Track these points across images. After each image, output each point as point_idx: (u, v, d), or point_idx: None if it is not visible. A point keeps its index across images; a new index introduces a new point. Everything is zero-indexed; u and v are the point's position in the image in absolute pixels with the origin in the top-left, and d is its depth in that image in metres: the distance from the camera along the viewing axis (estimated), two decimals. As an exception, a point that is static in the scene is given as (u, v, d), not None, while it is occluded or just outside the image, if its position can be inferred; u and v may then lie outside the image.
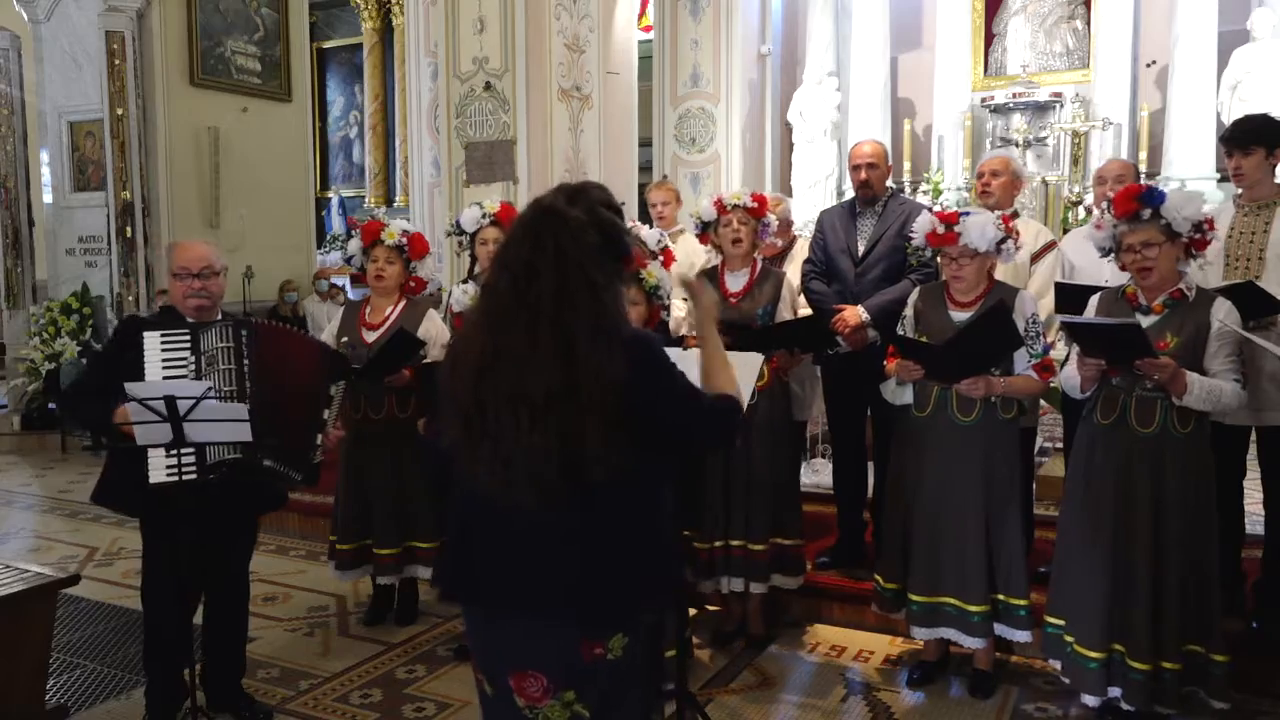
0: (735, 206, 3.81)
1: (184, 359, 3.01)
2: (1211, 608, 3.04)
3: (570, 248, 1.79)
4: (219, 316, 3.19)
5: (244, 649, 3.45)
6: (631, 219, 4.31)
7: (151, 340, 3.01)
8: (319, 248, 12.08)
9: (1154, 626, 3.01)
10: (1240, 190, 3.58)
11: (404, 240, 4.04)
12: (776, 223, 4.10)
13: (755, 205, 3.82)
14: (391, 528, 4.05)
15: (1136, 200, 3.03)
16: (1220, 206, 3.70)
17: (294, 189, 10.45)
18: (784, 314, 3.85)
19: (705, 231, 3.94)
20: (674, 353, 3.19)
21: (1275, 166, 3.53)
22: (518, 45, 7.13)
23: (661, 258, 3.70)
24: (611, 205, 1.93)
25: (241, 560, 3.40)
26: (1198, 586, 3.02)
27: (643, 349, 1.82)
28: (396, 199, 14.29)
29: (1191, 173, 9.16)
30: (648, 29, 11.40)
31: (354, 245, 4.14)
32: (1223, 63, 9.31)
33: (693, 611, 4.05)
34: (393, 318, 4.02)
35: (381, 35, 14.43)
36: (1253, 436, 3.56)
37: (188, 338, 3.04)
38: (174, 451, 2.88)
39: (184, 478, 2.91)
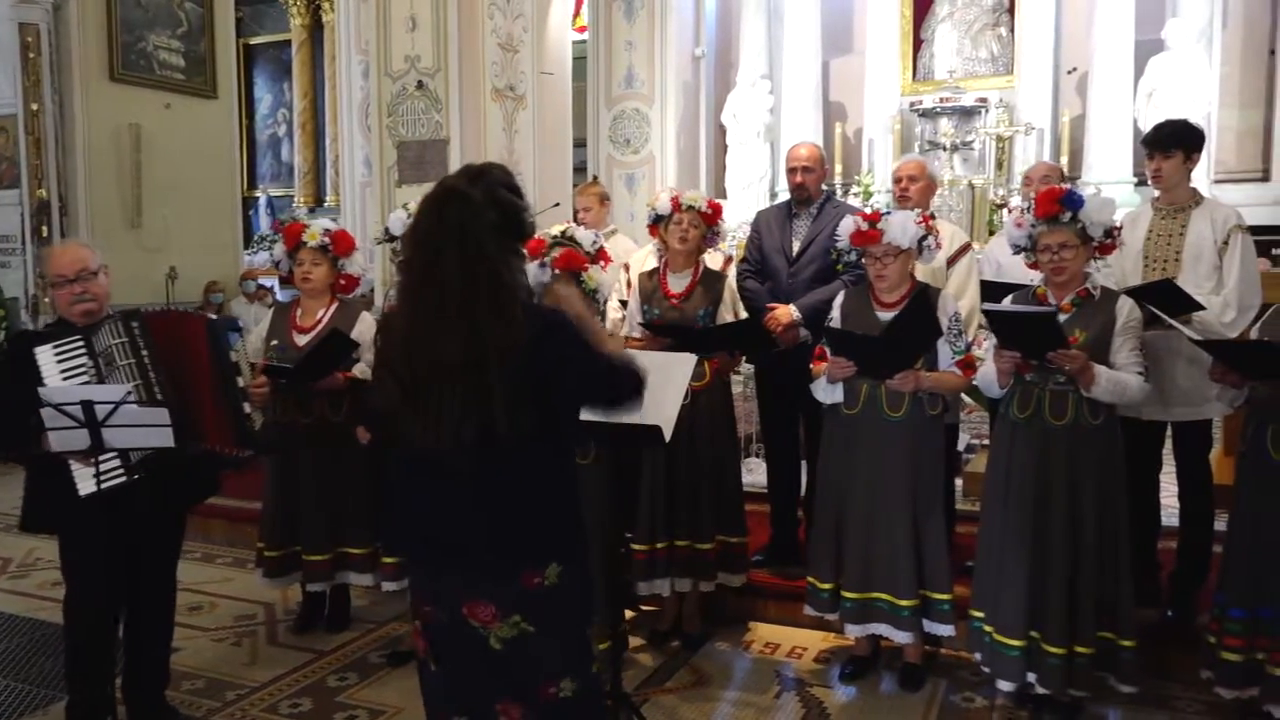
0: (690, 207, 3.84)
1: (83, 365, 2.92)
2: (1122, 595, 3.15)
3: (470, 224, 1.96)
4: (109, 314, 3.07)
5: (168, 659, 3.35)
6: (568, 220, 4.30)
7: (45, 355, 2.91)
8: (246, 248, 11.81)
9: (1070, 612, 3.10)
10: (1159, 193, 3.70)
11: (327, 240, 3.96)
12: (727, 233, 4.14)
13: (709, 211, 3.86)
14: (322, 533, 3.97)
15: (1058, 203, 3.13)
16: (1139, 209, 3.83)
17: (220, 188, 10.20)
18: (725, 316, 3.88)
19: (656, 225, 3.96)
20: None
21: (1191, 170, 3.66)
22: (450, 44, 7.05)
23: (600, 260, 3.69)
24: (512, 187, 2.08)
25: (168, 563, 3.29)
26: (1112, 573, 3.13)
27: (547, 318, 2.02)
28: (327, 198, 14.06)
29: (1110, 176, 9.45)
30: (582, 29, 11.39)
31: (279, 250, 4.05)
32: (1139, 71, 9.63)
33: (629, 613, 4.05)
34: (325, 320, 3.94)
35: (310, 32, 14.17)
36: (1168, 431, 3.69)
37: (81, 343, 2.95)
38: (94, 459, 2.78)
39: (111, 482, 2.82)
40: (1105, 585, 3.12)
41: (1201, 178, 8.47)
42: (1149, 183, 3.75)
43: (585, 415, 2.25)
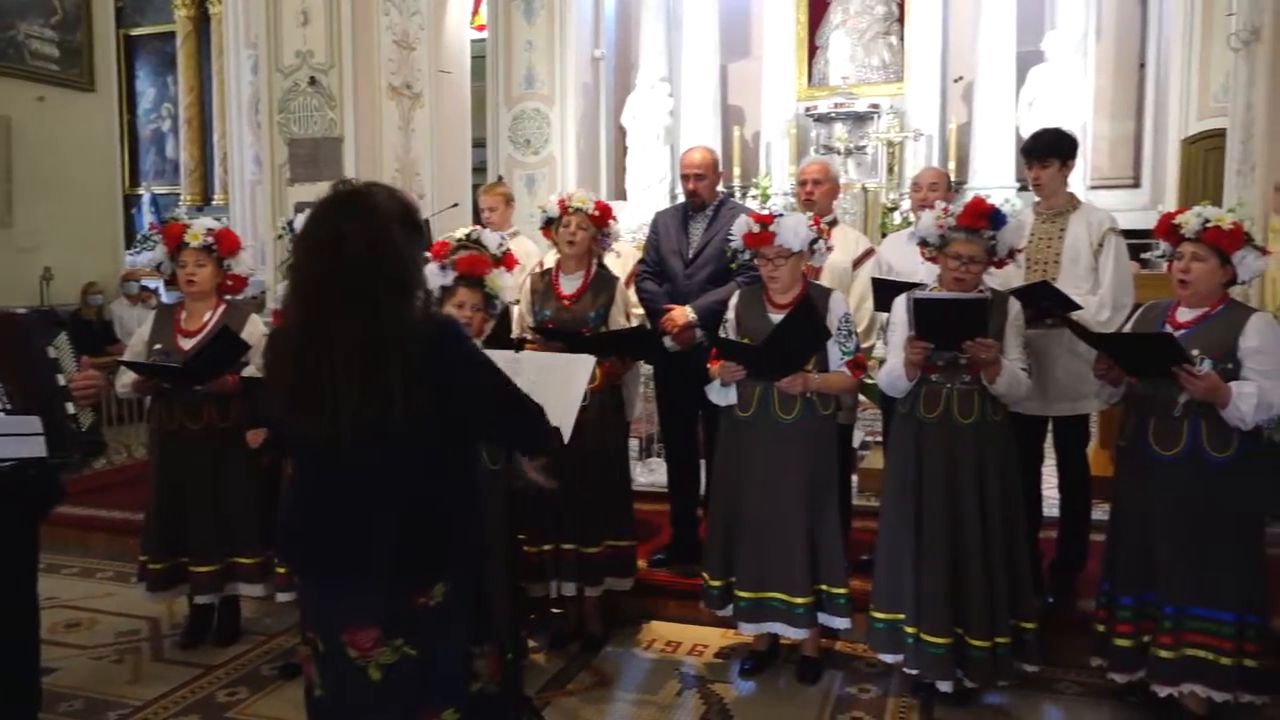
0: (578, 210, 3.82)
1: None
2: (1025, 581, 3.30)
3: (375, 213, 1.98)
4: None
5: (38, 680, 3.16)
6: (476, 223, 4.26)
7: None
8: (128, 248, 11.31)
9: (990, 605, 3.21)
10: (1038, 199, 3.86)
11: (211, 240, 3.82)
12: (620, 233, 4.14)
13: (597, 213, 3.85)
14: (210, 543, 3.83)
15: (985, 219, 3.24)
16: (1020, 213, 3.98)
17: (99, 185, 9.74)
18: (617, 318, 3.88)
19: (548, 227, 3.95)
20: (508, 354, 3.18)
21: (1068, 176, 3.83)
22: (344, 40, 6.91)
23: (504, 263, 3.66)
24: (404, 196, 2.13)
25: (26, 580, 3.08)
26: (1017, 561, 3.26)
27: (443, 325, 2.05)
28: (215, 197, 13.56)
29: (994, 182, 9.84)
30: (481, 28, 11.28)
31: (159, 251, 3.89)
32: (1021, 80, 10.04)
33: (529, 617, 4.03)
34: (211, 323, 3.80)
35: (196, 24, 13.64)
36: (1049, 426, 3.85)
37: None
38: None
39: None
40: (1013, 573, 3.25)
41: (1078, 183, 8.88)
42: (1030, 188, 3.90)
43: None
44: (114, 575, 4.89)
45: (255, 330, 3.82)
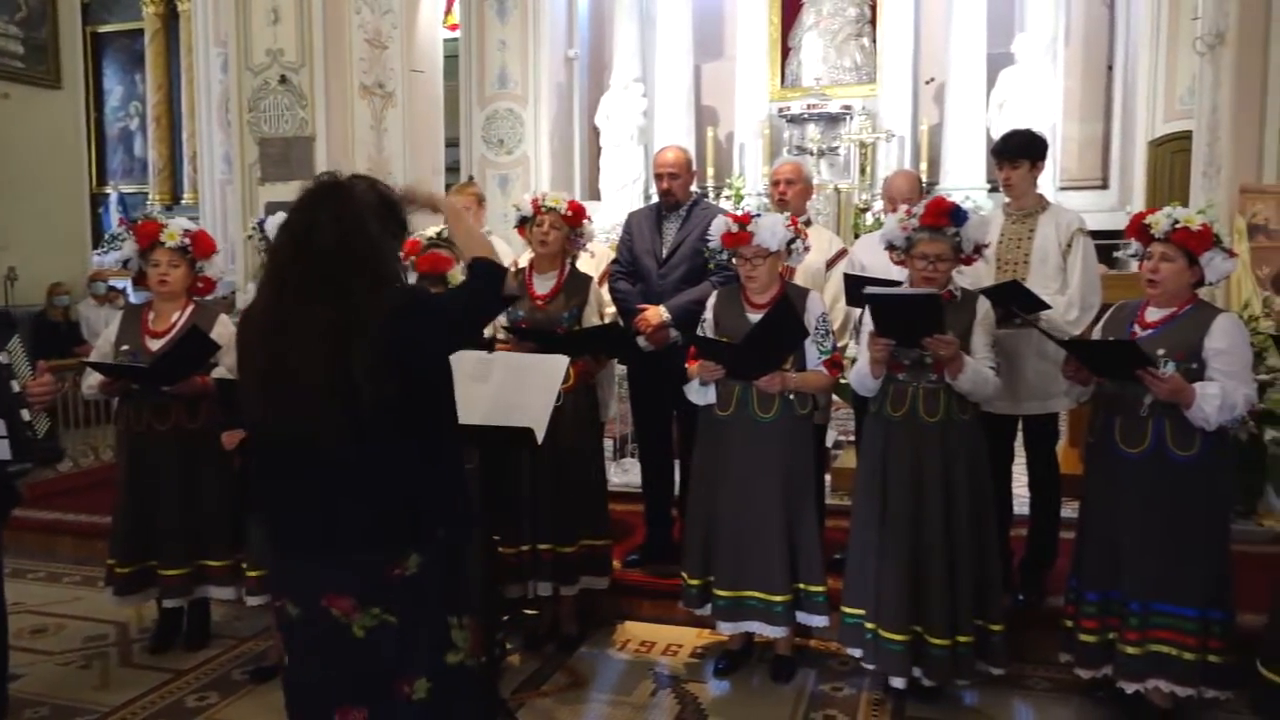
0: (550, 210, 3.81)
1: None
2: (994, 581, 3.31)
3: (351, 203, 2.02)
4: None
5: (4, 687, 3.12)
6: (440, 221, 4.23)
7: None
8: (96, 247, 11.15)
9: (952, 603, 3.23)
10: (1009, 199, 3.89)
11: (187, 241, 3.79)
12: (594, 233, 4.14)
13: (570, 214, 3.84)
14: (179, 546, 3.79)
15: (947, 216, 3.26)
16: (990, 214, 4.02)
17: (66, 184, 9.63)
18: (591, 318, 3.88)
19: (523, 225, 3.94)
20: (480, 355, 3.17)
21: (1037, 178, 3.87)
22: (315, 38, 6.86)
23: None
24: (386, 187, 2.16)
25: None
26: (984, 561, 3.28)
27: (409, 291, 2.13)
28: (184, 196, 13.40)
29: (965, 183, 9.92)
30: (454, 27, 11.23)
31: (129, 248, 3.84)
32: (991, 82, 10.13)
33: (504, 618, 4.01)
34: (180, 323, 3.76)
35: (165, 21, 13.47)
36: (1019, 425, 3.88)
37: None
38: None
39: None
40: (980, 572, 3.27)
41: (1048, 184, 8.97)
42: (1001, 189, 3.94)
43: (464, 413, 2.22)
44: (81, 580, 4.82)
45: (225, 331, 3.77)
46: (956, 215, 3.26)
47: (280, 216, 4.02)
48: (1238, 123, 5.27)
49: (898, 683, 3.33)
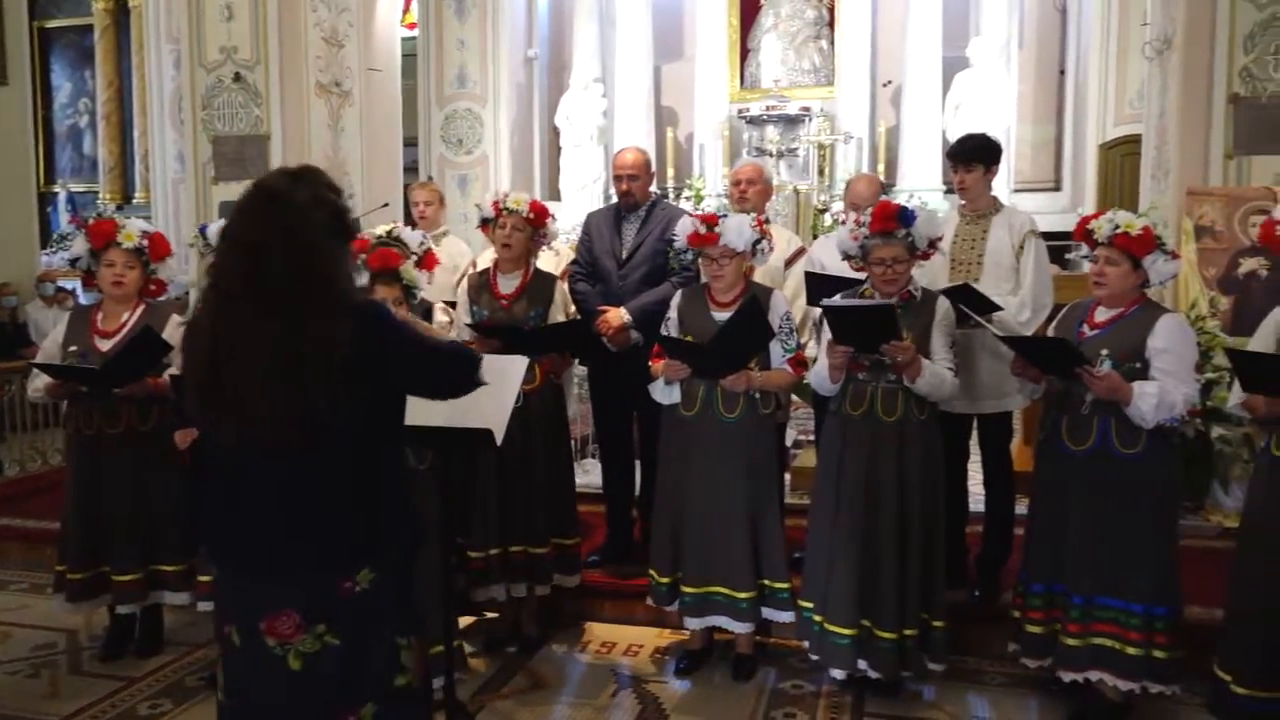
0: (512, 211, 3.80)
1: None
2: (938, 579, 3.36)
3: (298, 227, 1.92)
4: None
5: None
6: (395, 220, 4.20)
7: None
8: (44, 247, 10.91)
9: (901, 598, 3.27)
10: (963, 202, 3.95)
11: (144, 243, 3.73)
12: (557, 231, 4.13)
13: (532, 215, 3.83)
14: (132, 550, 3.72)
15: (894, 219, 3.29)
16: (946, 216, 4.07)
17: (13, 182, 9.44)
18: (556, 317, 3.88)
19: (486, 225, 3.93)
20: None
21: (992, 180, 3.92)
22: (270, 36, 6.78)
23: (423, 260, 3.61)
24: (333, 187, 2.05)
25: None
26: (931, 558, 3.33)
27: (371, 312, 2.01)
28: (136, 195, 13.15)
29: (922, 185, 10.03)
30: (412, 26, 11.14)
31: (80, 246, 3.76)
32: (947, 85, 10.26)
33: (466, 620, 3.99)
34: (130, 324, 3.69)
35: (115, 17, 13.20)
36: (975, 424, 3.94)
37: None
38: None
39: None
40: (927, 569, 3.32)
41: (1002, 186, 9.10)
42: (956, 191, 3.99)
43: (422, 415, 2.20)
44: (29, 587, 4.72)
45: (177, 332, 3.70)
46: (904, 216, 3.30)
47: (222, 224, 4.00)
48: (1184, 127, 5.38)
49: (837, 674, 3.38)
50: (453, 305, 4.12)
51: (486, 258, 4.32)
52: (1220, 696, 2.90)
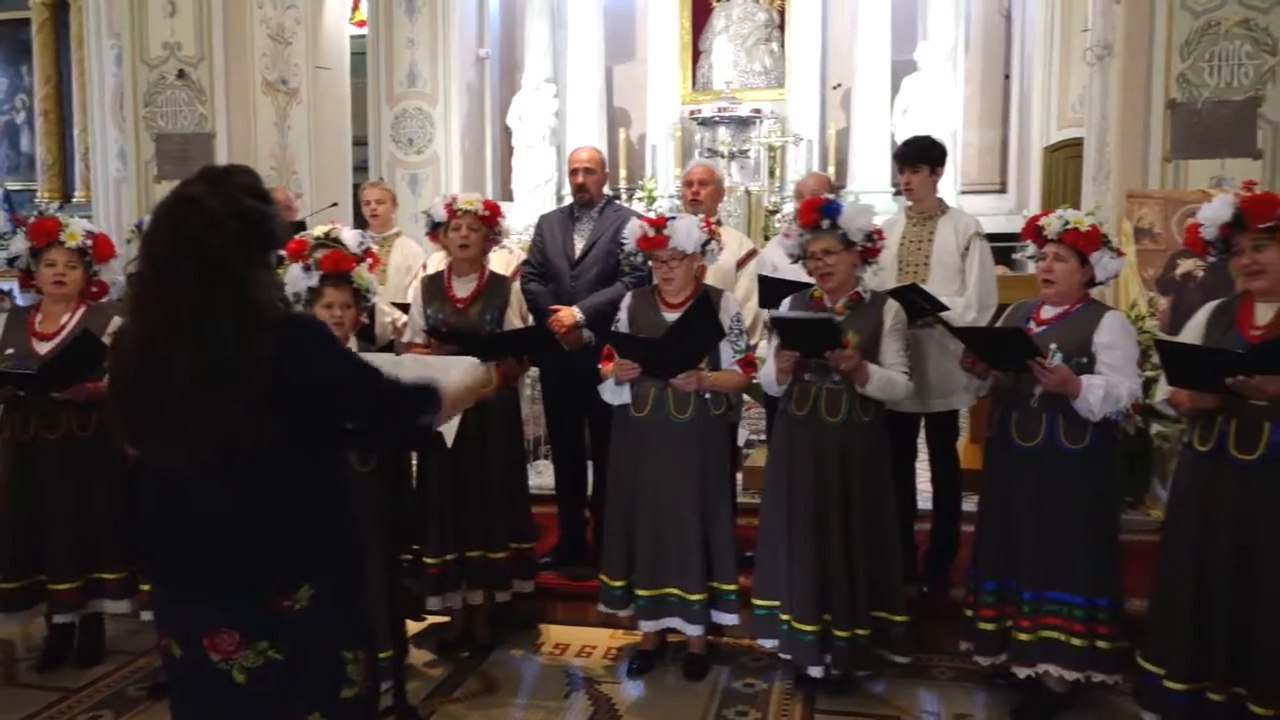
0: (466, 211, 3.76)
1: None
2: (894, 574, 3.40)
3: (210, 237, 1.82)
4: None
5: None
6: (333, 220, 4.15)
7: None
8: (-21, 247, 10.60)
9: (851, 597, 3.30)
10: (910, 203, 4.00)
11: (88, 243, 3.64)
12: (509, 229, 4.11)
13: (487, 213, 3.80)
14: (70, 559, 3.62)
15: (817, 211, 3.32)
16: (894, 217, 4.12)
17: (-55, 180, 9.13)
18: (512, 320, 3.85)
19: (435, 231, 3.87)
20: (387, 358, 3.12)
21: (937, 182, 3.98)
22: (215, 32, 6.67)
23: (368, 261, 3.57)
24: (258, 192, 1.94)
25: None
26: (883, 556, 3.36)
27: (297, 328, 1.93)
28: (76, 193, 12.85)
29: (872, 186, 10.14)
30: (361, 24, 11.03)
31: (19, 245, 3.66)
32: (896, 88, 10.38)
33: (417, 625, 3.95)
34: (70, 325, 3.60)
35: (54, 11, 12.90)
36: (922, 422, 3.99)
37: None
38: None
39: None
40: (878, 568, 3.36)
41: (949, 189, 9.24)
42: (903, 193, 4.04)
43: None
44: (-37, 596, 4.57)
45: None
46: (829, 208, 3.33)
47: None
48: (1124, 131, 5.50)
49: (814, 671, 3.39)
50: (405, 308, 4.08)
51: (438, 260, 4.28)
52: (1149, 687, 2.96)
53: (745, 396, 4.31)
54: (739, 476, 4.78)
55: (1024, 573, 3.17)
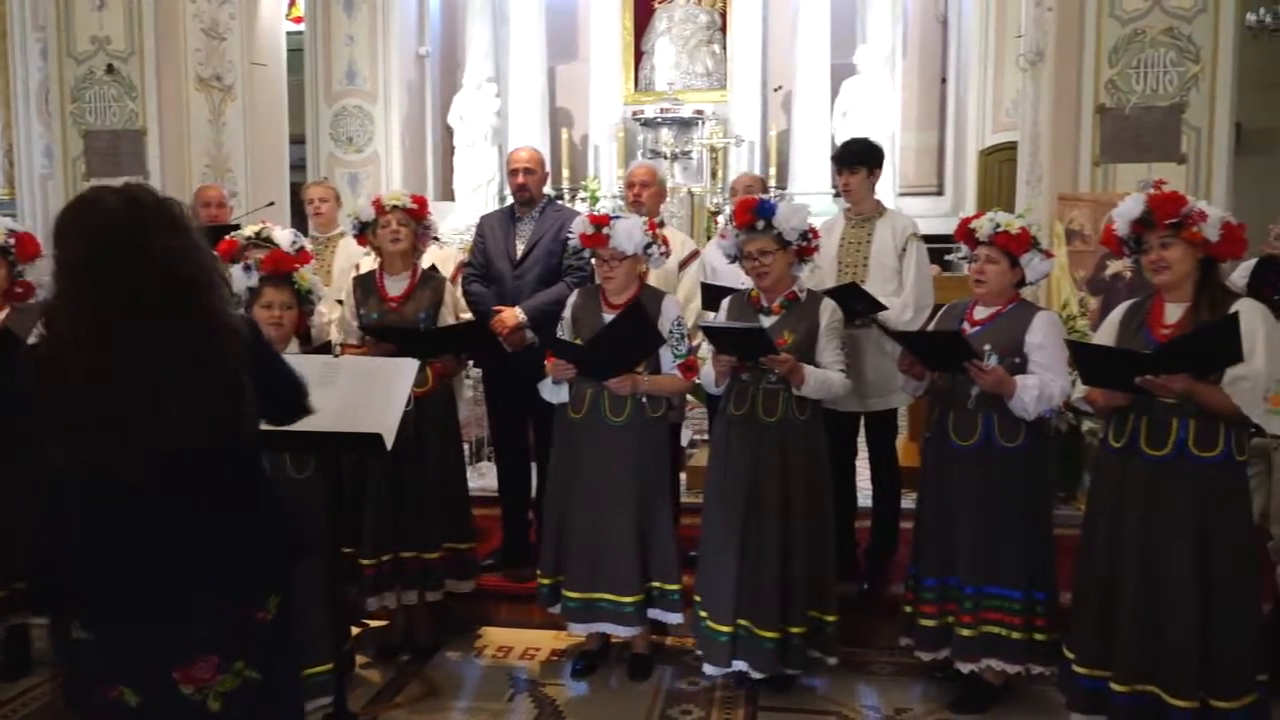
0: (395, 207, 3.73)
1: None
2: (828, 575, 3.43)
3: (178, 220, 1.86)
4: None
5: None
6: (263, 219, 4.08)
7: None
8: (-104, 247, 10.20)
9: (783, 597, 3.33)
10: (849, 205, 4.05)
11: (11, 242, 3.54)
12: (437, 225, 4.07)
13: (415, 207, 3.77)
14: (-7, 569, 3.51)
15: (752, 212, 3.35)
16: (833, 219, 4.17)
17: None
18: (446, 318, 3.82)
19: (363, 233, 3.83)
20: (324, 359, 3.08)
21: (875, 184, 4.03)
22: (145, 26, 6.52)
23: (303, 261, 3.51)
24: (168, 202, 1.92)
25: None
26: (818, 556, 3.39)
27: (251, 330, 1.99)
28: (0, 191, 12.45)
29: (812, 188, 10.25)
30: (298, 20, 10.84)
31: (-61, 244, 3.55)
32: (835, 91, 10.51)
33: (356, 630, 3.90)
34: (-10, 327, 3.49)
35: (-25, 3, 12.48)
36: (862, 421, 4.05)
37: None
38: None
39: None
40: (813, 567, 3.38)
41: (887, 191, 9.38)
42: (841, 194, 4.09)
43: (307, 420, 2.15)
44: (-120, 609, 4.40)
45: (45, 335, 3.52)
46: (762, 208, 3.36)
47: None
48: (1056, 135, 5.63)
49: (712, 670, 3.42)
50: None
51: (370, 260, 4.23)
52: (1065, 675, 3.04)
53: (689, 397, 4.33)
54: (683, 476, 4.80)
55: (964, 569, 3.22)
